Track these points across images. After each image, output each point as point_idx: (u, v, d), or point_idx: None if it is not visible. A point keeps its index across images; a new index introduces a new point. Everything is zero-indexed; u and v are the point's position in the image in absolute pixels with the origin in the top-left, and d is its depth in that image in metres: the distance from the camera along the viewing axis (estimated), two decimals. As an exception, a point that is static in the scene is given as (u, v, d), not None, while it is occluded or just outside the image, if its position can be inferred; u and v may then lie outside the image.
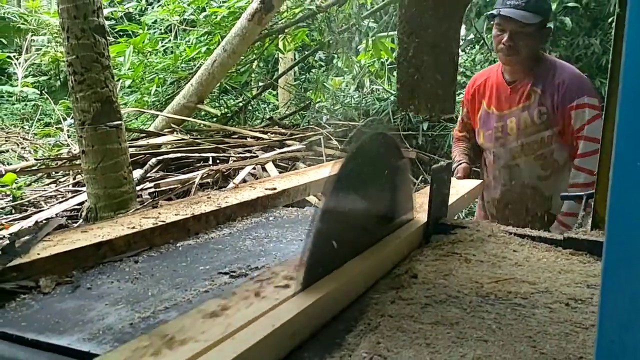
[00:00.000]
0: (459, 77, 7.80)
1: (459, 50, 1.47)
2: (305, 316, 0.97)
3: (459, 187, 2.15)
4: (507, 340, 0.98)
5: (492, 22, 2.28)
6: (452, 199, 1.82)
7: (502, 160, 2.42)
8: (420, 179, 5.52)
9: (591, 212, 1.63)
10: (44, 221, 3.09)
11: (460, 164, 2.51)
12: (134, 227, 1.46)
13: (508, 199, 2.43)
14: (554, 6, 8.22)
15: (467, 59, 10.18)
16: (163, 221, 1.52)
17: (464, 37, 9.22)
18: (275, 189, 2.03)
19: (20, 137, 8.46)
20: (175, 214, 1.60)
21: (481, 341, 0.98)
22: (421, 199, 1.69)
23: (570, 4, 8.37)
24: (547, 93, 2.26)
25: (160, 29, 8.51)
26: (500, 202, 2.47)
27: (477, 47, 10.10)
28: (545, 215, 2.36)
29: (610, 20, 7.95)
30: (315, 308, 1.01)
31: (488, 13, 2.25)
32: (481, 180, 2.47)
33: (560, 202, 2.26)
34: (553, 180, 2.34)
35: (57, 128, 8.65)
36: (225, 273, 1.32)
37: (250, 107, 7.69)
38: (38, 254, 1.21)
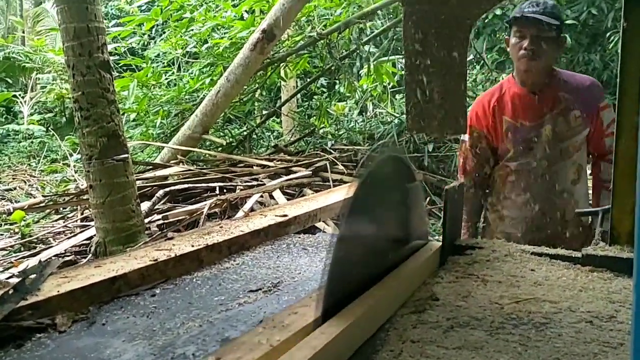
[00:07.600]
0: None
1: (467, 70, 1.47)
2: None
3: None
4: (535, 362, 0.96)
5: (507, 35, 2.24)
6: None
7: (539, 170, 2.28)
8: (427, 200, 5.50)
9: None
10: (49, 260, 3.08)
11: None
12: (147, 260, 1.44)
13: (544, 209, 2.30)
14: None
15: (468, 80, 10.24)
16: (177, 253, 1.51)
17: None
18: (286, 215, 2.02)
19: (28, 175, 8.51)
20: (191, 245, 1.59)
21: (508, 364, 0.95)
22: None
23: (568, 22, 8.45)
24: (574, 96, 2.23)
25: (163, 62, 8.62)
26: (535, 215, 2.32)
27: (477, 67, 10.16)
28: (575, 219, 2.28)
29: (609, 35, 8.00)
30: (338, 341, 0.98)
31: (508, 19, 2.20)
32: None
33: (583, 205, 2.25)
34: (581, 184, 2.29)
35: (63, 164, 8.71)
36: (241, 304, 1.30)
37: (254, 136, 7.73)
38: (58, 291, 1.20)
